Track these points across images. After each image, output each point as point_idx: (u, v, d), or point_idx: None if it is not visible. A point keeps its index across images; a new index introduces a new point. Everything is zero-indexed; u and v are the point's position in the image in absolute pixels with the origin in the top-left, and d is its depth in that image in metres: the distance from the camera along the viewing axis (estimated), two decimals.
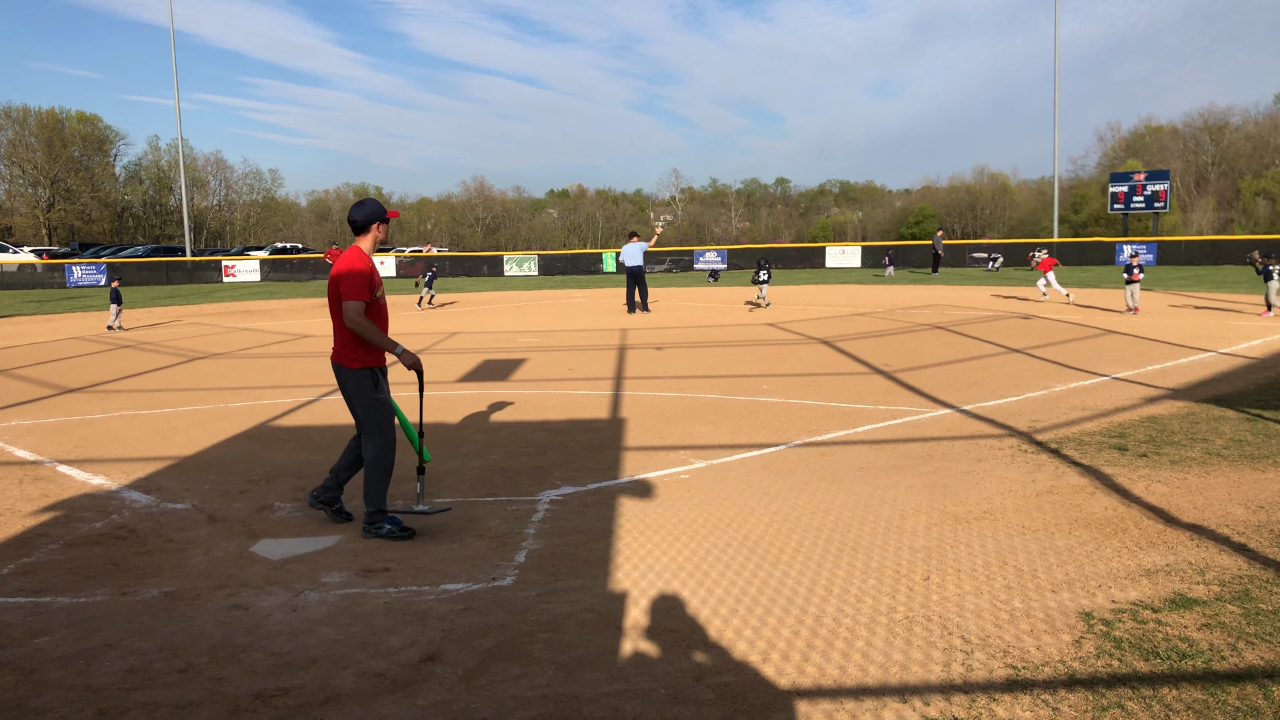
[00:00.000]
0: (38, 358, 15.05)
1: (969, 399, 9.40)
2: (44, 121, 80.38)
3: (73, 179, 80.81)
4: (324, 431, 8.62)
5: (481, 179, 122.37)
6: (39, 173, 78.95)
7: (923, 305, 22.12)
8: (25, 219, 79.55)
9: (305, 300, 30.28)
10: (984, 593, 4.40)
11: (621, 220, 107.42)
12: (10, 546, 5.41)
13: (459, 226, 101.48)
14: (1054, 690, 3.41)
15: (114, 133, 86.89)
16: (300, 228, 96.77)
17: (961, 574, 4.66)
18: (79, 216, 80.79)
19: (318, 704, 3.47)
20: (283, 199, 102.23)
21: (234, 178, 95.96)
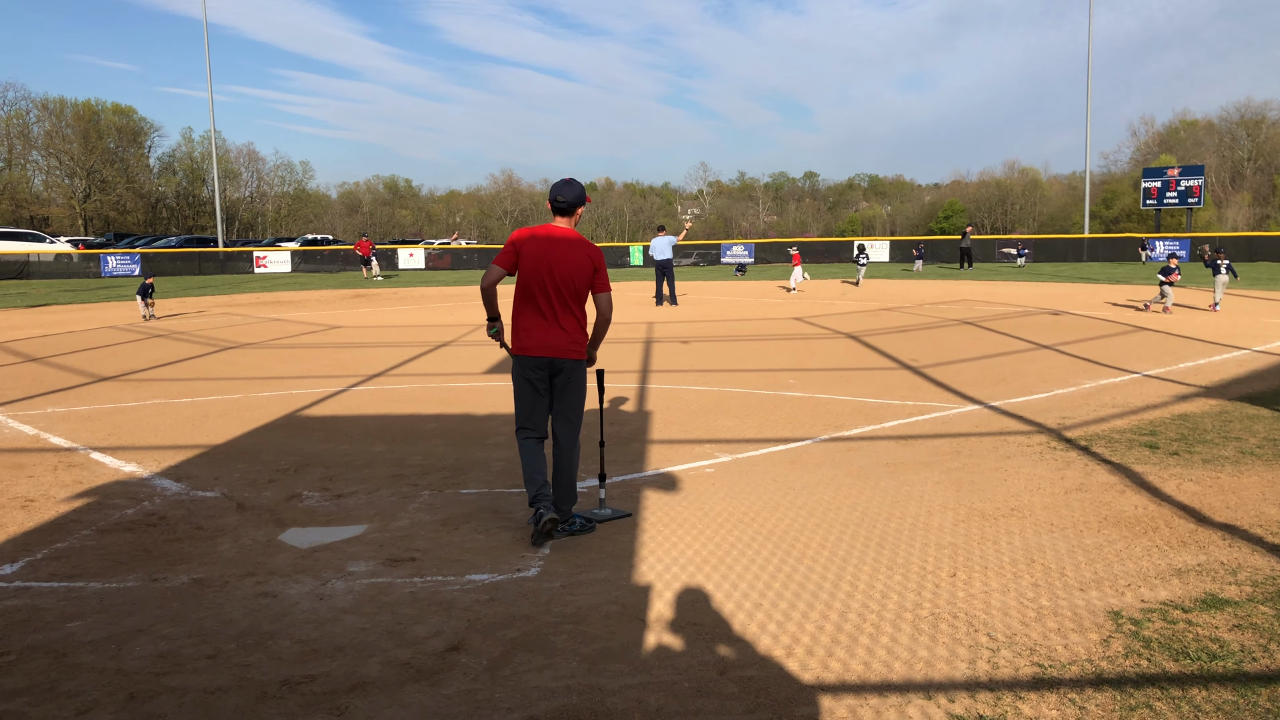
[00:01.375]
0: (73, 346, 15.25)
1: (997, 395, 9.32)
2: (80, 113, 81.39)
3: (108, 170, 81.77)
4: (352, 422, 8.68)
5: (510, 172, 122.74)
6: (75, 164, 79.95)
7: (951, 300, 21.96)
8: (62, 209, 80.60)
9: (335, 291, 30.50)
10: (1011, 590, 4.37)
11: (649, 214, 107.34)
12: (44, 532, 5.50)
13: (487, 219, 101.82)
14: (1081, 689, 3.38)
15: (149, 124, 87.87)
16: (331, 219, 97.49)
17: (989, 571, 4.63)
18: (114, 207, 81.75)
19: (344, 692, 3.50)
20: (313, 191, 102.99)
21: (266, 169, 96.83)
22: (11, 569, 4.88)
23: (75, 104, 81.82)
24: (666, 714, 3.29)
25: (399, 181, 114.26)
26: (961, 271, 36.26)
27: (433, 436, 7.99)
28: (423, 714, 3.33)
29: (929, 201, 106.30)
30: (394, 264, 45.44)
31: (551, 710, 3.33)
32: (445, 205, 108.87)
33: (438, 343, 15.10)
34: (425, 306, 23.49)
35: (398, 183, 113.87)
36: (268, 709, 3.38)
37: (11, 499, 6.17)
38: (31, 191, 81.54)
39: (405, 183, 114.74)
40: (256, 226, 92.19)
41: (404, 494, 6.22)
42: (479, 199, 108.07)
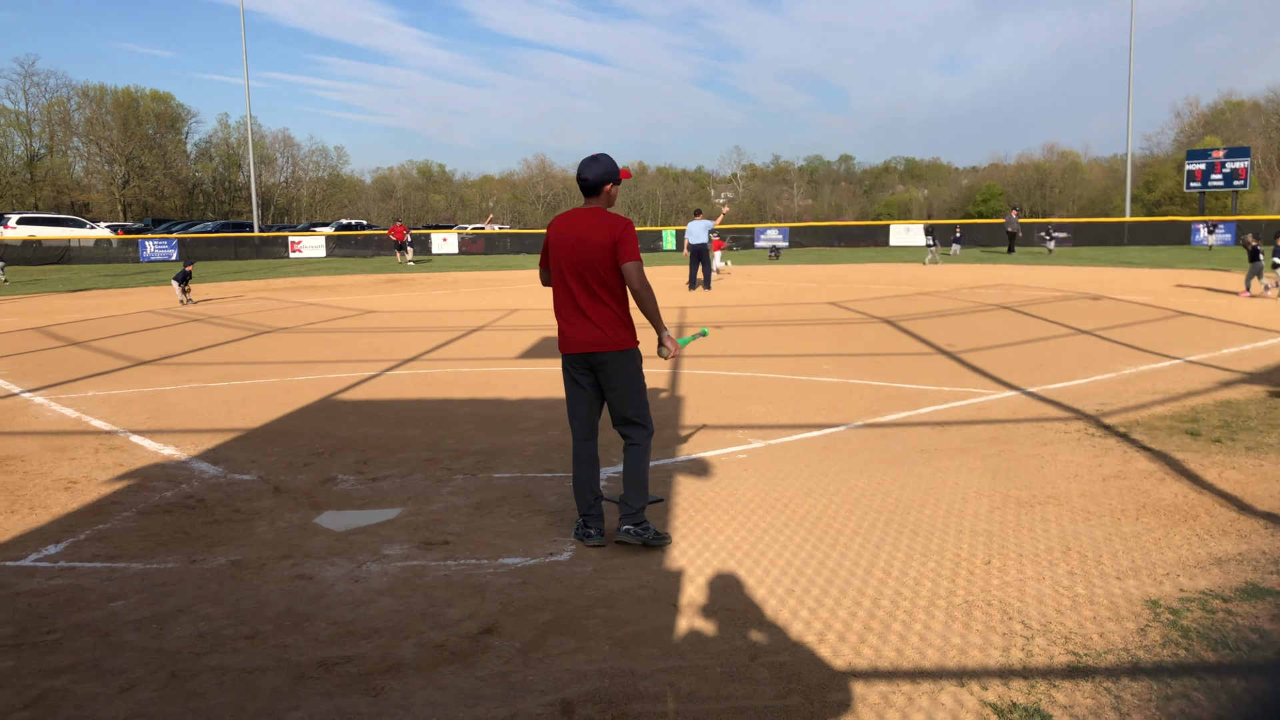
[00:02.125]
0: (112, 330, 15.48)
1: (1035, 381, 9.22)
2: (120, 100, 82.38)
3: (146, 156, 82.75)
4: (386, 406, 8.75)
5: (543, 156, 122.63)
6: (115, 150, 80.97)
7: (989, 285, 21.73)
8: (102, 195, 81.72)
9: (369, 276, 30.72)
10: (1046, 578, 4.33)
11: (682, 197, 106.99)
12: (87, 513, 5.60)
13: (520, 204, 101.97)
14: (1116, 678, 3.35)
15: (186, 111, 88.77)
16: (365, 204, 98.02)
17: (1024, 559, 4.59)
18: (152, 193, 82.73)
19: (379, 673, 3.54)
20: (348, 176, 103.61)
21: (301, 155, 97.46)
22: (56, 549, 4.98)
23: (115, 91, 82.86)
24: (698, 698, 3.30)
25: (432, 167, 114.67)
26: (1007, 256, 35.78)
27: (465, 421, 8.03)
28: (457, 695, 3.36)
29: (966, 185, 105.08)
30: (427, 249, 45.66)
31: (584, 693, 3.35)
32: (478, 190, 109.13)
33: (470, 327, 15.17)
34: (458, 291, 23.60)
35: (431, 168, 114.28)
36: (305, 689, 3.42)
37: (55, 481, 6.29)
38: (72, 178, 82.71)
39: (439, 168, 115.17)
40: (292, 212, 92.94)
41: (437, 478, 6.27)
42: (512, 184, 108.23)
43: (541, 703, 3.30)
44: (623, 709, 3.24)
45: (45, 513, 5.60)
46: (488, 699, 3.33)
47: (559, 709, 3.25)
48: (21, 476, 6.40)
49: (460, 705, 3.29)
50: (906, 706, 3.21)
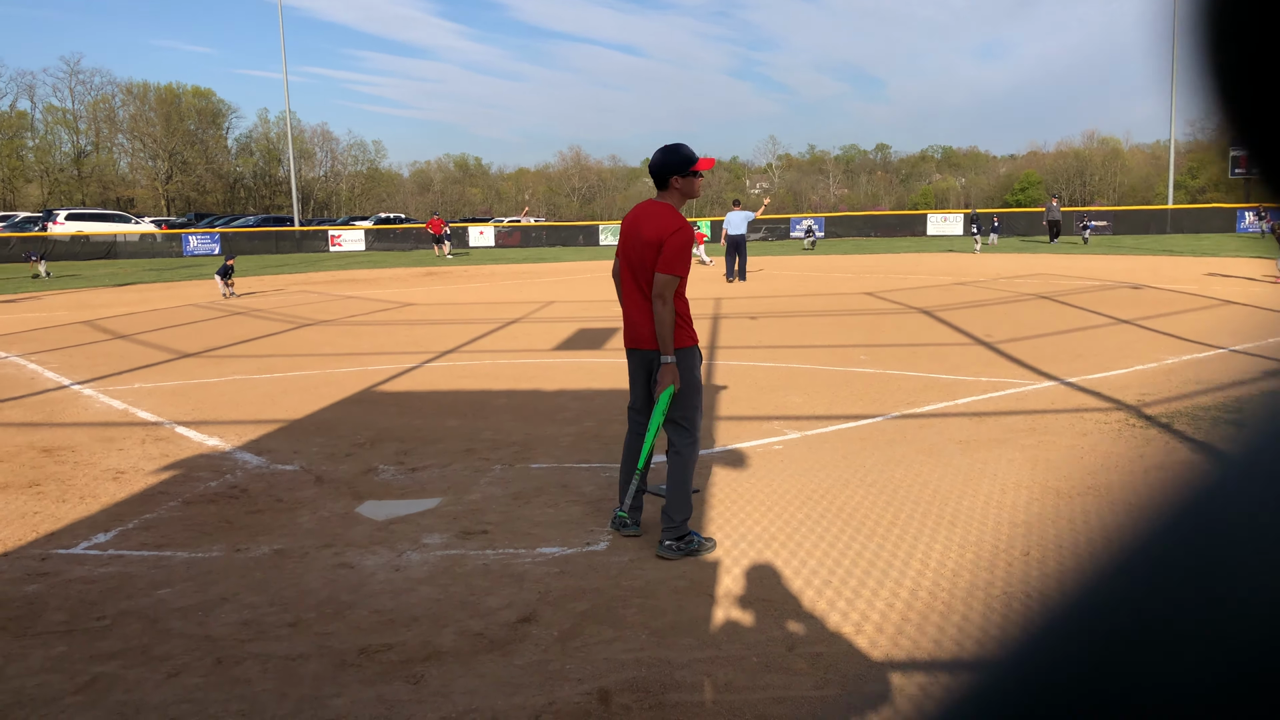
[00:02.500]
0: (157, 324, 15.74)
1: (1074, 371, 9.12)
2: (163, 97, 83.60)
3: (188, 152, 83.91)
4: (425, 397, 8.84)
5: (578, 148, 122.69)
6: (158, 146, 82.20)
7: (1027, 274, 21.49)
8: (146, 191, 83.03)
9: (408, 269, 30.96)
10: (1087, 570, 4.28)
11: (717, 188, 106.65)
12: (134, 502, 5.71)
13: (555, 196, 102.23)
14: None
15: (227, 106, 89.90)
16: (403, 198, 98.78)
17: (1063, 550, 4.55)
18: (194, 188, 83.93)
19: (419, 660, 3.59)
20: (386, 170, 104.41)
21: (339, 149, 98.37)
22: (105, 538, 5.09)
23: (158, 88, 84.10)
24: (735, 688, 3.31)
25: (469, 160, 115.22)
26: (1049, 245, 35.22)
27: (503, 412, 8.09)
28: (495, 683, 3.40)
29: (1004, 173, 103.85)
30: (465, 242, 45.91)
31: (621, 682, 3.38)
32: (514, 183, 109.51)
33: (507, 319, 15.26)
34: (495, 284, 23.72)
35: (468, 161, 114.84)
36: (347, 676, 3.48)
37: (104, 471, 6.42)
38: (117, 174, 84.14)
39: (475, 161, 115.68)
40: (331, 206, 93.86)
41: (476, 468, 6.32)
42: (547, 176, 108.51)
43: (579, 691, 3.33)
44: (660, 698, 3.27)
45: (95, 502, 5.72)
46: (526, 687, 3.37)
47: (596, 698, 3.28)
48: (72, 467, 6.54)
49: (499, 693, 3.34)
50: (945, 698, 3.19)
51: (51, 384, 9.89)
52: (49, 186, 78.61)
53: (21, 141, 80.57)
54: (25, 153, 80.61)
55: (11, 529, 5.25)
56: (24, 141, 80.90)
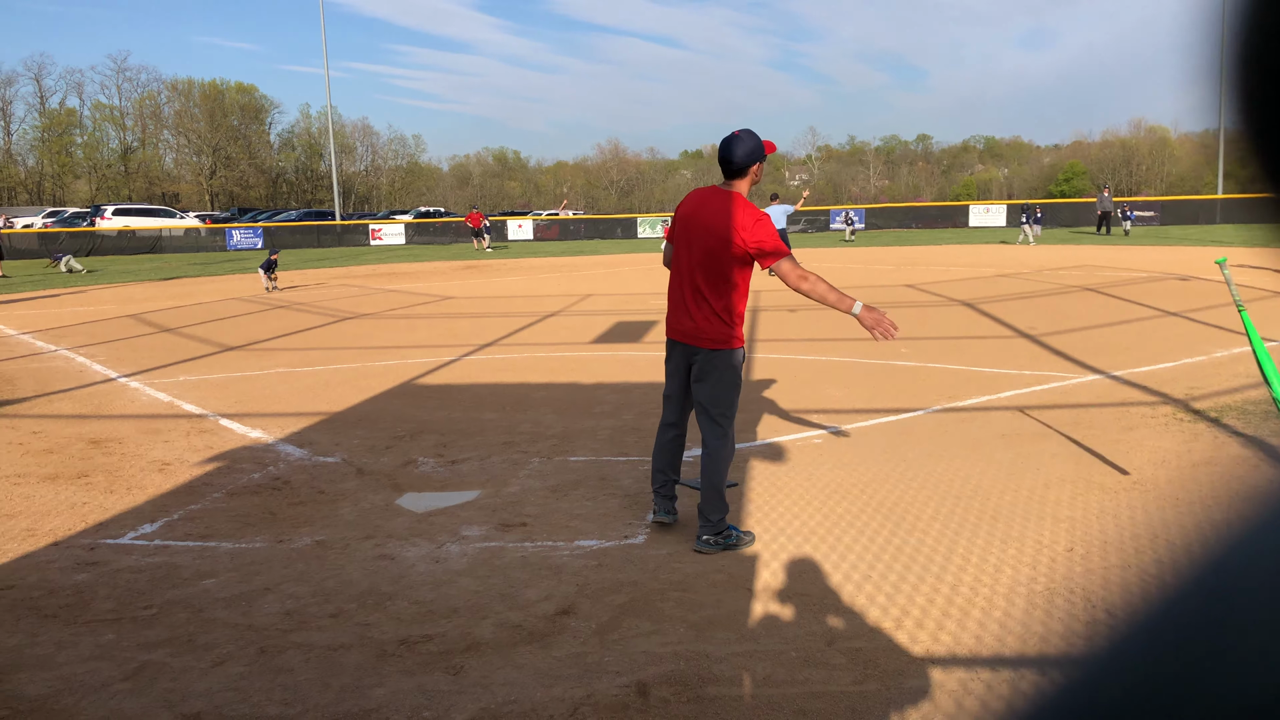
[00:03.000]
0: (201, 317, 15.97)
1: (1120, 364, 8.97)
2: (207, 93, 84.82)
3: (232, 147, 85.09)
4: (465, 390, 8.89)
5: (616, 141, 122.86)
6: (202, 141, 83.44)
7: (1072, 266, 21.18)
8: (190, 186, 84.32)
9: (448, 263, 31.15)
10: (1132, 566, 4.22)
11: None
12: (179, 494, 5.80)
13: (594, 189, 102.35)
14: None
15: (269, 102, 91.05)
16: (443, 192, 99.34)
17: (1108, 547, 4.48)
18: (238, 183, 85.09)
19: (458, 651, 3.62)
20: (426, 164, 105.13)
21: (380, 143, 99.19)
22: (151, 528, 5.18)
23: (202, 84, 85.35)
24: (774, 683, 3.30)
25: (508, 153, 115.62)
26: (1100, 236, 34.58)
27: (541, 405, 8.12)
28: (534, 675, 3.42)
29: (1048, 164, 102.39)
30: (503, 235, 46.10)
31: (659, 675, 3.38)
32: (552, 176, 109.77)
33: (546, 313, 15.30)
34: (534, 277, 23.81)
35: (506, 155, 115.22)
36: (387, 666, 3.51)
37: (150, 462, 6.53)
38: (163, 169, 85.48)
39: (514, 154, 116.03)
40: (372, 200, 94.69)
41: (514, 461, 6.35)
42: (585, 169, 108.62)
43: (617, 684, 3.33)
44: (698, 692, 3.26)
45: (141, 493, 5.82)
46: (565, 679, 3.38)
47: (635, 690, 3.29)
48: (119, 458, 6.66)
49: (538, 685, 3.35)
50: (985, 694, 3.17)
51: (99, 377, 10.07)
52: (97, 182, 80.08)
53: (71, 138, 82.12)
54: (74, 149, 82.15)
55: (62, 519, 5.36)
56: (73, 138, 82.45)
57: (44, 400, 8.81)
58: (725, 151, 4.56)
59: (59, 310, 17.68)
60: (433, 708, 3.22)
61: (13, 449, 6.96)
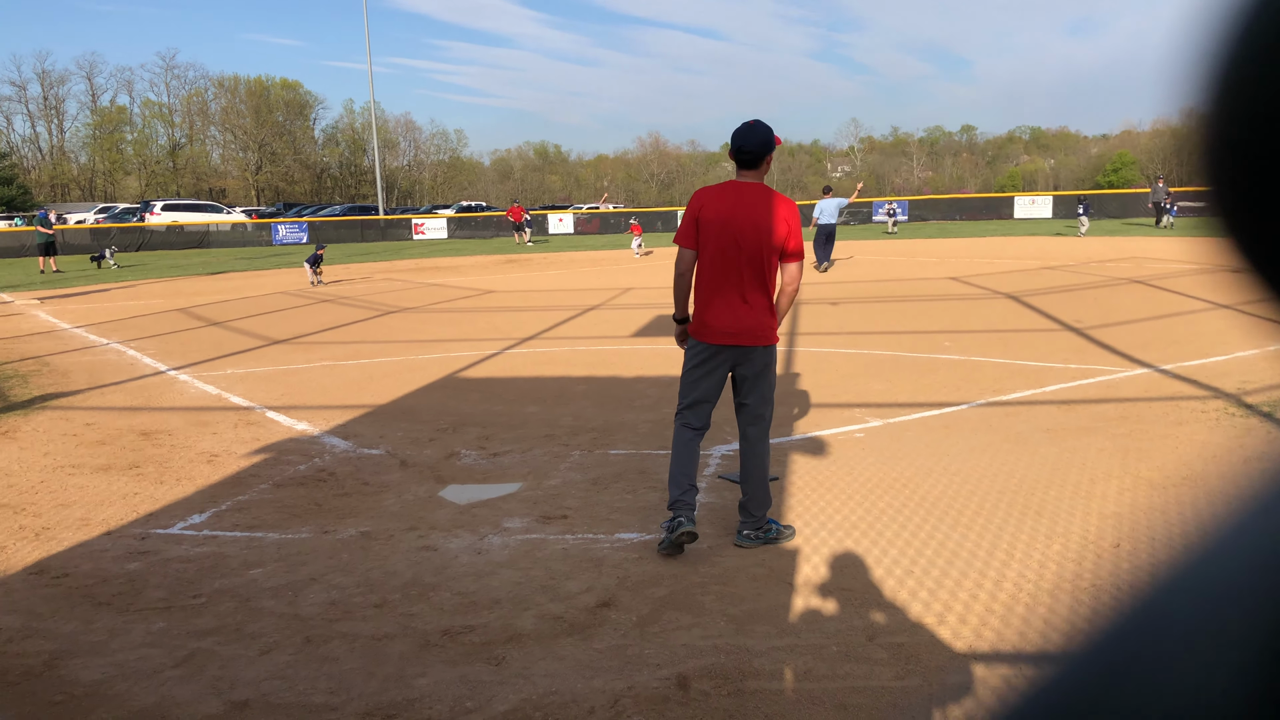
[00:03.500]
0: (248, 311, 16.21)
1: (1169, 358, 8.82)
2: (252, 89, 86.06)
3: (277, 143, 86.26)
4: (506, 383, 8.95)
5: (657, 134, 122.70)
6: (248, 137, 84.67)
7: (1120, 258, 20.83)
8: (237, 181, 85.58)
9: (489, 256, 31.33)
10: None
11: (798, 172, 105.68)
12: (227, 485, 5.90)
13: (634, 182, 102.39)
14: None
15: (313, 98, 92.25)
16: (484, 186, 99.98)
17: (1156, 543, 4.41)
18: (283, 178, 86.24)
19: (500, 642, 3.65)
20: (467, 158, 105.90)
21: (422, 138, 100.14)
22: (200, 518, 5.27)
23: (248, 80, 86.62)
24: (814, 677, 3.29)
25: (548, 147, 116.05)
26: (1155, 228, 33.77)
27: (582, 398, 8.15)
28: (575, 666, 3.44)
29: (1096, 154, 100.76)
30: (544, 229, 46.25)
31: (699, 668, 3.38)
32: (593, 169, 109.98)
33: (586, 306, 15.34)
34: (574, 270, 23.87)
35: (547, 148, 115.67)
36: (430, 656, 3.55)
37: (199, 454, 6.65)
38: (210, 165, 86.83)
39: (554, 148, 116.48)
40: (415, 194, 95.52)
41: (555, 453, 6.38)
42: (626, 162, 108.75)
43: (658, 676, 3.34)
44: (738, 685, 3.26)
45: (190, 484, 5.93)
46: (605, 671, 3.40)
47: (675, 683, 3.30)
48: (169, 449, 6.79)
49: (578, 676, 3.37)
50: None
51: (149, 370, 10.27)
52: (146, 178, 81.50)
53: (121, 135, 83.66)
54: (124, 146, 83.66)
55: (114, 509, 5.47)
56: (123, 135, 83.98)
57: (96, 393, 9.00)
58: (745, 141, 4.46)
59: (110, 304, 18.03)
60: (475, 698, 3.25)
61: (67, 440, 7.12)
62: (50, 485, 5.98)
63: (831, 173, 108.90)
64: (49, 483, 6.04)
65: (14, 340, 12.93)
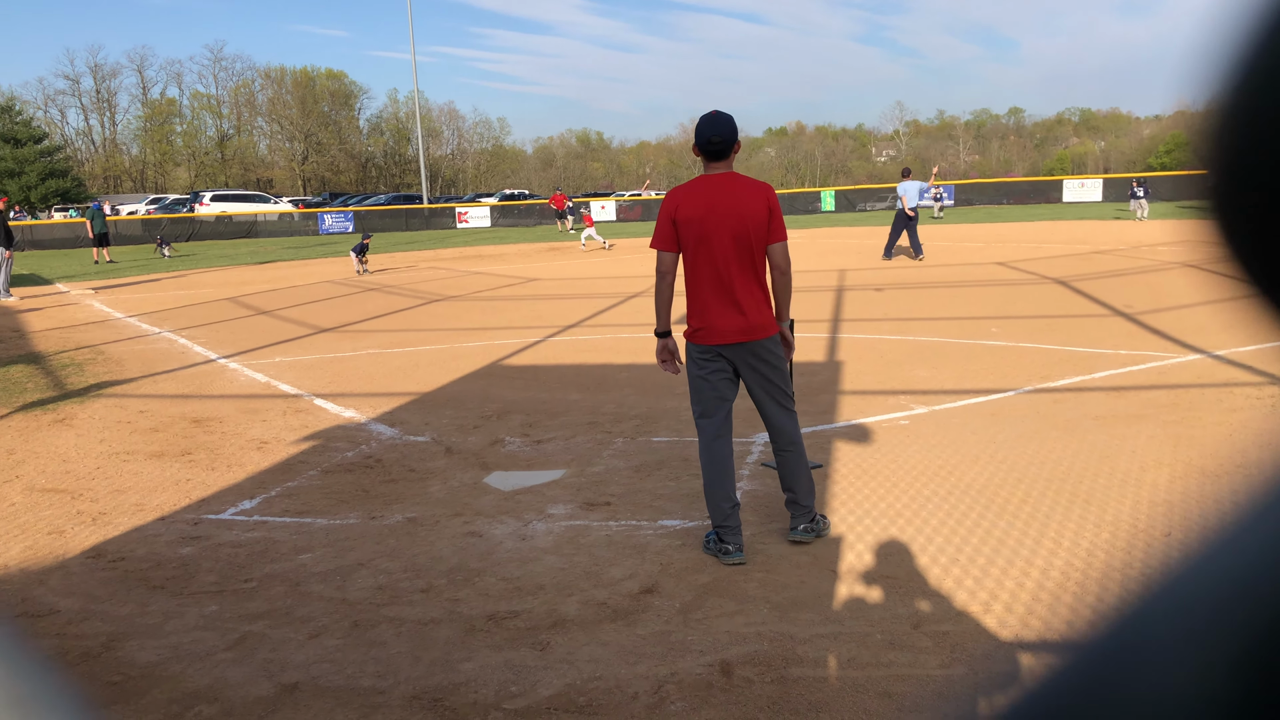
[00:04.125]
0: (296, 300, 16.43)
1: (1223, 343, 8.63)
2: (298, 80, 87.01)
3: (323, 133, 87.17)
4: (550, 371, 8.99)
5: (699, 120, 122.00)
6: (294, 128, 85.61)
7: (1172, 242, 20.41)
8: (283, 171, 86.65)
9: (532, 244, 31.45)
10: None
11: (841, 157, 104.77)
12: (277, 471, 6.00)
13: (676, 169, 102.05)
14: None
15: (358, 88, 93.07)
16: (527, 174, 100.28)
17: (1210, 533, 4.33)
18: (329, 168, 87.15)
19: (545, 628, 3.68)
20: (510, 147, 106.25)
21: (465, 127, 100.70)
22: (251, 504, 5.37)
23: (294, 71, 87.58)
24: (858, 664, 3.29)
25: (590, 135, 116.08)
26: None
27: (625, 385, 8.17)
28: (619, 652, 3.46)
29: (1148, 135, 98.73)
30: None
31: (743, 655, 3.39)
32: (635, 157, 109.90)
33: (629, 294, 15.35)
34: (616, 258, 23.88)
35: (589, 136, 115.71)
36: (476, 641, 3.59)
37: (249, 441, 6.76)
38: (257, 155, 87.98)
39: (597, 135, 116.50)
40: (458, 183, 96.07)
41: (599, 440, 6.41)
42: (668, 149, 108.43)
43: (701, 663, 3.36)
44: (782, 672, 3.27)
45: (241, 470, 6.04)
46: (649, 657, 3.42)
47: (719, 670, 3.30)
48: (220, 436, 6.92)
49: (622, 662, 3.39)
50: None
51: (200, 358, 10.45)
52: (195, 169, 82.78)
53: (171, 127, 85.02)
54: (174, 138, 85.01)
55: (168, 494, 5.59)
56: (173, 127, 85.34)
57: (149, 380, 9.19)
58: (715, 130, 4.25)
59: (162, 294, 18.37)
60: (519, 682, 3.29)
61: (122, 427, 7.28)
62: (106, 471, 6.13)
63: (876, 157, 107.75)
64: (105, 469, 6.18)
65: (70, 329, 13.23)
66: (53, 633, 3.82)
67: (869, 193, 49.52)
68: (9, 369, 9.99)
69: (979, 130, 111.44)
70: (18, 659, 0.30)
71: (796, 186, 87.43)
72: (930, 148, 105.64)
